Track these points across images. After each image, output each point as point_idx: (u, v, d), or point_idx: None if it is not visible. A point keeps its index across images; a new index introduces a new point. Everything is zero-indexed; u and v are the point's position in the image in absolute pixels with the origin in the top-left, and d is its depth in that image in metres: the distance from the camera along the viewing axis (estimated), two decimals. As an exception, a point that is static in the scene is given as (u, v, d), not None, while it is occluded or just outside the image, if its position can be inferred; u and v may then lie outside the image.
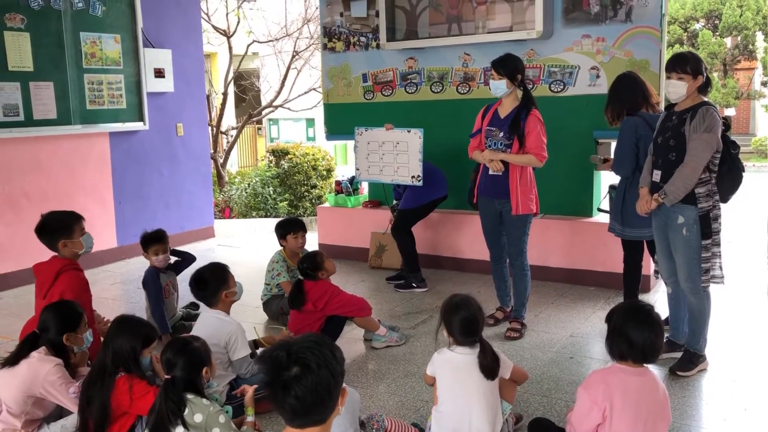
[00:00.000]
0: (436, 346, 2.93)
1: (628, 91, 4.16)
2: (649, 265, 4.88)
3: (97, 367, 2.85)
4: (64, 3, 6.09)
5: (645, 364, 2.55)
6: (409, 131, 5.28)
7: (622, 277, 4.43)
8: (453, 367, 2.82)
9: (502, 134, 4.24)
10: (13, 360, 3.00)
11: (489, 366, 2.76)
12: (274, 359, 1.68)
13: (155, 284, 4.51)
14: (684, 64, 3.52)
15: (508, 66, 4.19)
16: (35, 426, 3.01)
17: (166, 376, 2.64)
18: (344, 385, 1.79)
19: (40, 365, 2.96)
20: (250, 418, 2.88)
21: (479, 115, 4.44)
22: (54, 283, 3.60)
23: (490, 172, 4.27)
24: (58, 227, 3.67)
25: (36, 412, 3.01)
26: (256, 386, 2.93)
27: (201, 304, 4.90)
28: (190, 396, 2.60)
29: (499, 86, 4.20)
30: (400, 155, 5.32)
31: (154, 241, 4.59)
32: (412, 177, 5.30)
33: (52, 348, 3.05)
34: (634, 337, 2.46)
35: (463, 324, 2.80)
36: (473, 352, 2.80)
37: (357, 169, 5.56)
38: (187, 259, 4.85)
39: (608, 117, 4.28)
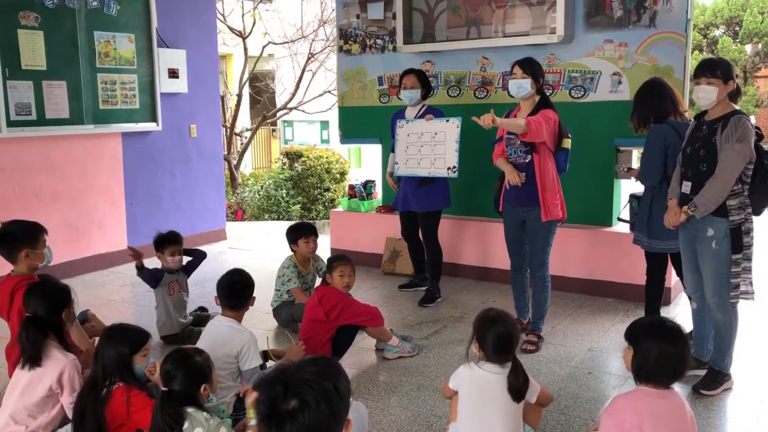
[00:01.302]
0: (468, 360, 2.79)
1: (657, 98, 4.02)
2: (671, 278, 4.75)
3: (89, 380, 2.78)
4: (79, 2, 6.03)
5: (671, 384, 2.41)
6: (447, 120, 5.02)
7: (645, 289, 4.30)
8: (479, 384, 2.68)
9: (519, 142, 4.13)
10: (32, 357, 2.94)
11: (518, 388, 2.62)
12: (270, 391, 1.54)
13: (155, 275, 4.48)
14: (714, 69, 3.39)
15: (533, 64, 4.10)
16: None
17: (163, 389, 2.54)
18: (350, 401, 1.66)
19: (56, 363, 2.94)
20: (253, 422, 2.79)
21: None
22: (12, 303, 3.42)
23: (511, 182, 4.16)
24: (24, 235, 3.51)
25: (44, 416, 2.95)
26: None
27: (210, 309, 4.91)
28: (189, 410, 2.52)
29: (523, 85, 4.08)
30: (437, 146, 5.05)
31: (170, 242, 4.52)
32: (448, 168, 5.01)
33: (50, 329, 3.01)
34: (664, 356, 2.31)
35: (498, 340, 2.65)
36: (503, 372, 2.66)
37: (396, 163, 5.28)
38: (198, 255, 4.78)
39: (633, 124, 4.15)
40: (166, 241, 4.52)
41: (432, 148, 5.07)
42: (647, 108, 4.04)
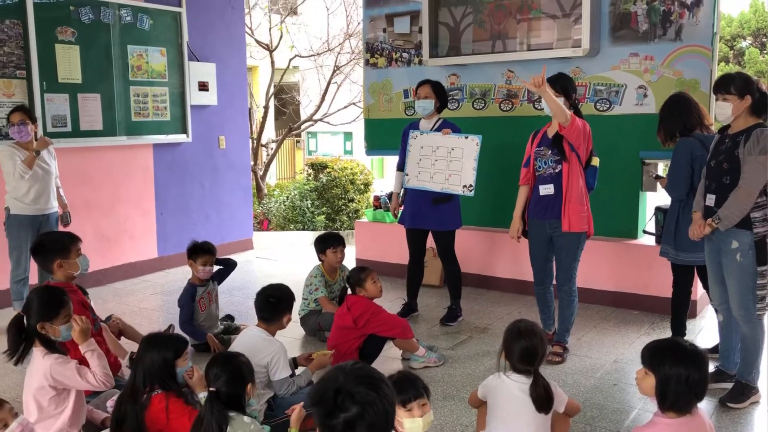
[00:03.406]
0: (498, 369, 2.84)
1: (682, 112, 4.05)
2: (697, 290, 4.73)
3: (128, 387, 2.85)
4: (113, 17, 6.21)
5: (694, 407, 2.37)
6: (466, 137, 4.91)
7: (671, 301, 4.30)
8: (506, 394, 2.72)
9: (550, 152, 4.16)
10: (13, 352, 2.95)
11: (540, 400, 2.66)
12: (325, 404, 1.62)
13: (189, 306, 4.58)
14: (728, 85, 3.44)
15: (563, 81, 4.14)
16: None
17: (210, 389, 2.60)
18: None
19: (38, 368, 2.93)
20: None
21: (528, 142, 4.36)
22: None
23: (542, 193, 4.18)
24: (55, 247, 3.61)
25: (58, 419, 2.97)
26: (302, 403, 2.91)
27: (237, 317, 5.00)
28: (231, 414, 2.58)
29: None
30: (453, 162, 4.90)
31: (204, 252, 4.64)
32: (464, 186, 4.82)
33: (35, 336, 2.95)
34: (690, 383, 2.26)
35: (523, 352, 2.70)
36: (528, 382, 2.70)
37: (406, 175, 5.12)
38: (230, 264, 4.90)
39: (660, 138, 4.17)
40: (201, 251, 4.63)
41: (447, 163, 4.91)
42: (673, 122, 4.07)
